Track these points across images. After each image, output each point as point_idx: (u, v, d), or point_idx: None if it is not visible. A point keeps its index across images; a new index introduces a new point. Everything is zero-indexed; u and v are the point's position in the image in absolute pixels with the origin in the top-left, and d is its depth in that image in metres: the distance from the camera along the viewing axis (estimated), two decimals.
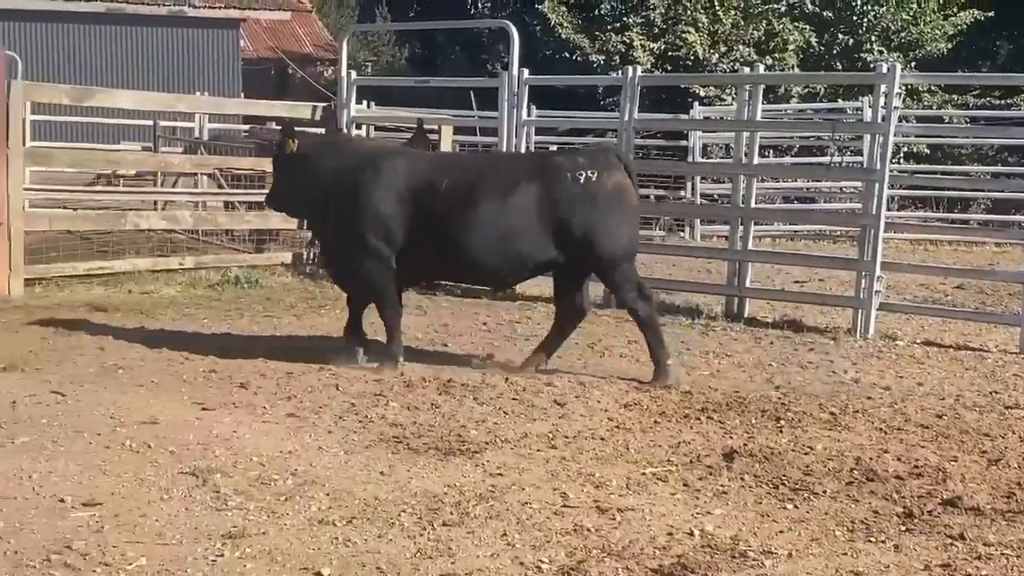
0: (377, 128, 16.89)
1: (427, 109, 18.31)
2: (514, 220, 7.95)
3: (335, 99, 13.07)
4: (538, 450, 6.34)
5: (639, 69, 11.89)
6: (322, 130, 11.73)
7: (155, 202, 16.55)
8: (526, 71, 11.77)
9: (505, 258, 8.07)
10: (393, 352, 8.23)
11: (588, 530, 5.10)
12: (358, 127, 13.27)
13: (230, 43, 25.33)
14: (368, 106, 19.71)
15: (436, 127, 13.95)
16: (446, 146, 13.70)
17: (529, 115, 12.84)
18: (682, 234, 19.36)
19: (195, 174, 16.37)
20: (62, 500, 5.22)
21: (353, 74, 12.92)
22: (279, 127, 15.43)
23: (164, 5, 24.62)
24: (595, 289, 11.30)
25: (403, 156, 8.57)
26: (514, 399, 7.41)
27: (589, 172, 7.98)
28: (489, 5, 28.83)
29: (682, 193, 19.85)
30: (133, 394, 7.21)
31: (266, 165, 13.10)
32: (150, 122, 18.64)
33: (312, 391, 7.44)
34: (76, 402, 6.93)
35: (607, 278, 8.38)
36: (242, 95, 24.16)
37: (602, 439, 6.58)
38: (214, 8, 25.05)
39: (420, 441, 6.40)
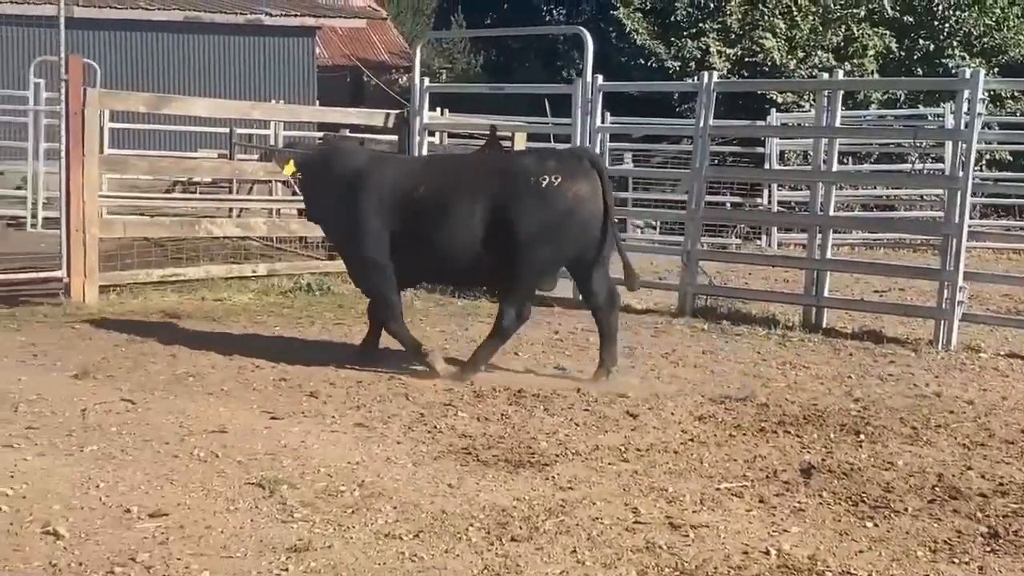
0: (451, 135, 16.91)
1: (502, 116, 18.22)
2: (479, 223, 7.92)
3: (408, 106, 12.98)
4: (610, 463, 6.21)
5: (715, 75, 11.68)
6: (394, 137, 11.75)
7: (230, 209, 16.65)
8: (600, 77, 11.62)
9: (472, 260, 8.06)
10: (412, 348, 8.32)
11: (660, 547, 4.96)
12: (431, 134, 13.19)
13: (306, 51, 25.44)
14: (442, 113, 19.75)
15: (509, 134, 13.88)
16: None
17: (603, 122, 12.65)
18: (759, 242, 19.13)
19: (269, 181, 16.41)
20: (128, 510, 5.18)
21: (426, 81, 12.87)
22: (352, 134, 15.54)
23: (241, 14, 24.80)
24: (662, 297, 11.20)
25: (388, 163, 8.72)
26: (585, 410, 7.30)
27: (553, 177, 7.86)
28: (565, 12, 28.71)
29: (758, 200, 19.61)
30: (203, 402, 7.19)
31: None
32: (226, 129, 18.75)
33: (381, 400, 7.38)
34: (146, 410, 6.92)
35: (513, 278, 8.06)
36: (317, 103, 24.27)
37: (675, 452, 6.44)
38: (290, 16, 25.17)
39: (489, 453, 6.30)
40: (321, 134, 17.75)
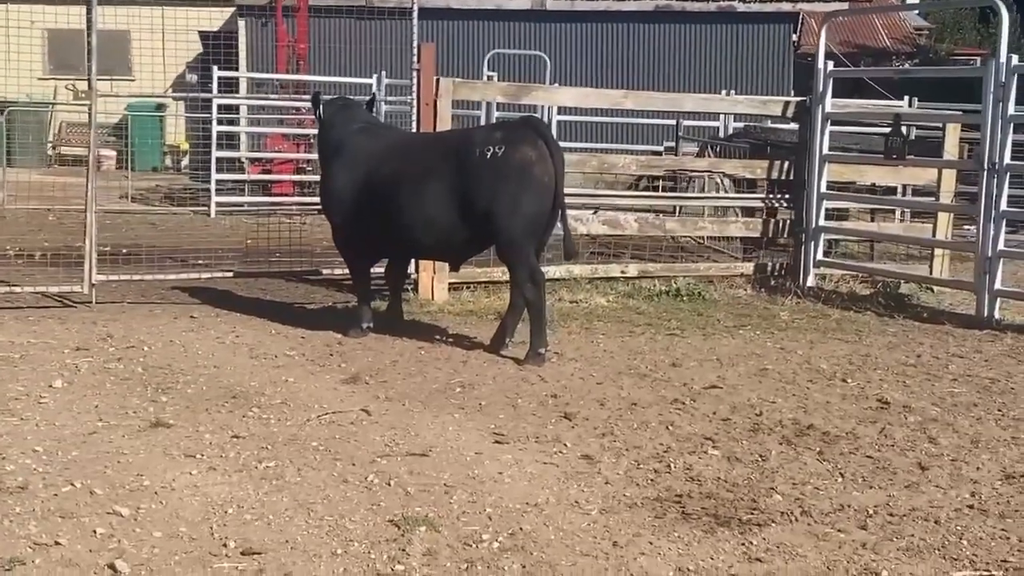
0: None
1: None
2: (435, 196, 8.15)
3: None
4: (839, 530, 4.96)
5: None
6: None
7: (674, 207, 15.85)
8: (1015, 58, 9.80)
9: (433, 233, 8.26)
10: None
11: None
12: (833, 123, 11.83)
13: (782, 38, 24.15)
14: (910, 104, 18.07)
15: (941, 125, 12.33)
16: (951, 146, 11.97)
17: None
18: None
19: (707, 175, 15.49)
20: (225, 544, 4.64)
21: (830, 65, 11.56)
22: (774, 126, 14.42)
23: (713, 1, 24.00)
24: None
25: (368, 133, 8.91)
26: (869, 457, 6.01)
27: (497, 147, 7.99)
28: None
29: None
30: (444, 417, 6.59)
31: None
32: (673, 121, 18.12)
33: (639, 428, 6.46)
34: (373, 423, 6.43)
35: (501, 254, 8.35)
36: (792, 93, 23.05)
37: (936, 523, 5.06)
38: (765, 2, 24.09)
39: (701, 504, 5.25)
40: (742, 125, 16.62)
